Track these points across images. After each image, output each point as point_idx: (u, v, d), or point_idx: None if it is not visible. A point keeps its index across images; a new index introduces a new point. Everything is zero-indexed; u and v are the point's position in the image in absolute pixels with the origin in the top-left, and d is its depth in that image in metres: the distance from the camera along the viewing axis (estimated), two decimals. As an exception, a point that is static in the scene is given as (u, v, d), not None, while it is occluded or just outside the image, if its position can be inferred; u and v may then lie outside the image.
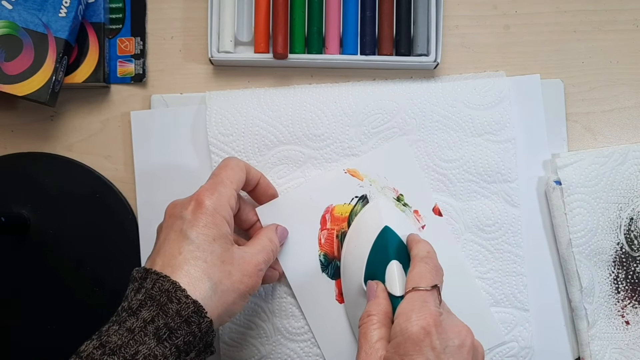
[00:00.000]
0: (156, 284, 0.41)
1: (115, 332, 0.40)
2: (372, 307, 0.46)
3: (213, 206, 0.45)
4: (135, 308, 0.41)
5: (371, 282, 0.49)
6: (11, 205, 0.57)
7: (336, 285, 0.55)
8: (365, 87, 0.58)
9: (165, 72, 0.60)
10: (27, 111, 0.59)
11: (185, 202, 0.46)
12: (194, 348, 0.42)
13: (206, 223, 0.44)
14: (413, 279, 0.45)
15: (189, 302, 0.41)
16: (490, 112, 0.58)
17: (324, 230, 0.56)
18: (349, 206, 0.56)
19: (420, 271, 0.46)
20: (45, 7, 0.55)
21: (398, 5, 0.58)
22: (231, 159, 0.50)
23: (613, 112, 0.61)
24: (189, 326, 0.41)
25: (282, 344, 0.56)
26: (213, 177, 0.48)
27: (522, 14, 0.61)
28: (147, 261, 0.45)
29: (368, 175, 0.57)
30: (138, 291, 0.42)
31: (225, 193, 0.46)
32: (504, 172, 0.57)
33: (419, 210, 0.57)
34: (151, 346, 0.39)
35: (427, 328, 0.41)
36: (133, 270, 0.44)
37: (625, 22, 0.61)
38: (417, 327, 0.41)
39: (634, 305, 0.58)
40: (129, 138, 0.59)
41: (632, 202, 0.58)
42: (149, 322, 0.40)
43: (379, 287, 0.47)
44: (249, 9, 0.59)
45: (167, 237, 0.44)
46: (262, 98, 0.58)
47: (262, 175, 0.53)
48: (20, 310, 0.57)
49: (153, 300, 0.41)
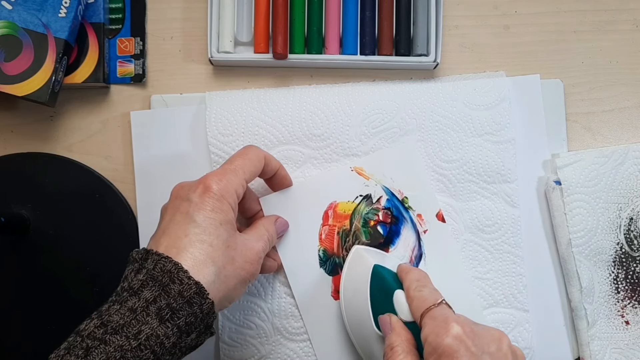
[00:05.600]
0: (157, 265, 0.41)
1: (117, 311, 0.40)
2: (393, 339, 0.45)
3: (220, 192, 0.45)
4: (136, 288, 0.41)
5: (382, 316, 0.48)
6: (11, 205, 0.57)
7: (333, 281, 0.55)
8: (365, 87, 0.58)
9: (165, 72, 0.60)
10: (27, 111, 0.59)
11: (192, 185, 0.46)
12: (195, 329, 0.42)
13: (213, 207, 0.44)
14: (418, 307, 0.45)
15: (191, 283, 0.41)
16: (490, 113, 0.58)
17: (326, 226, 0.56)
18: (353, 204, 0.56)
19: (419, 297, 0.46)
20: (45, 8, 0.55)
21: (398, 5, 0.58)
22: (252, 148, 0.50)
23: (613, 112, 0.61)
24: (190, 307, 0.41)
25: (281, 344, 0.56)
26: (227, 163, 0.48)
27: (522, 14, 0.61)
28: (151, 241, 0.44)
29: (374, 175, 0.57)
30: (139, 272, 0.42)
31: (234, 181, 0.46)
32: (504, 173, 0.57)
33: (422, 214, 0.57)
34: (154, 326, 0.39)
35: (459, 337, 0.41)
36: (132, 252, 0.44)
37: (625, 22, 0.61)
38: (450, 338, 0.41)
39: (633, 305, 0.58)
40: (128, 138, 0.59)
41: (632, 202, 0.58)
42: (151, 302, 0.40)
43: (392, 318, 0.47)
44: (248, 9, 0.59)
45: (172, 219, 0.44)
46: (262, 98, 0.58)
47: (281, 166, 0.53)
48: (20, 311, 0.57)
49: (155, 281, 0.41)
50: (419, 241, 0.57)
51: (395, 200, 0.57)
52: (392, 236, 0.56)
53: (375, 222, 0.56)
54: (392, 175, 0.57)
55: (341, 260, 0.56)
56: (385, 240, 0.56)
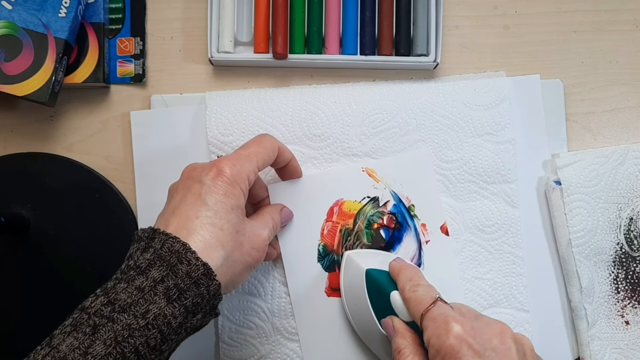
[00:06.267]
0: (165, 245, 0.41)
1: (124, 289, 0.40)
2: (399, 342, 0.46)
3: (233, 177, 0.45)
4: (144, 267, 0.41)
5: (385, 320, 0.48)
6: (11, 205, 0.57)
7: (329, 278, 0.55)
8: (365, 87, 0.58)
9: (165, 72, 0.60)
10: (27, 111, 0.59)
11: (205, 167, 0.45)
12: (201, 310, 0.42)
13: (225, 192, 0.44)
14: (415, 309, 0.45)
15: (199, 264, 0.41)
16: (490, 113, 0.58)
17: (329, 222, 0.56)
18: (359, 204, 0.56)
19: (415, 298, 0.46)
20: (45, 7, 0.55)
21: (398, 5, 0.58)
22: (267, 137, 0.50)
23: (613, 112, 0.61)
24: (197, 288, 0.41)
25: (281, 343, 0.56)
26: (242, 149, 0.48)
27: (522, 14, 0.61)
28: (160, 220, 0.44)
29: (384, 179, 0.57)
30: (145, 250, 0.42)
31: (247, 167, 0.46)
32: (504, 173, 0.57)
33: (427, 224, 0.57)
34: (161, 305, 0.39)
35: (460, 336, 0.41)
36: (137, 230, 0.44)
37: (625, 22, 0.61)
38: (451, 339, 0.41)
39: (633, 305, 0.58)
40: (128, 138, 0.59)
41: (632, 202, 0.58)
42: (159, 281, 0.40)
43: (394, 321, 0.47)
44: (248, 9, 0.59)
45: (183, 199, 0.44)
46: (262, 98, 0.58)
47: (293, 157, 0.53)
48: (20, 310, 0.57)
49: (162, 261, 0.41)
50: (420, 251, 0.57)
51: (401, 207, 0.57)
52: (393, 242, 0.56)
53: (379, 225, 0.56)
54: (402, 181, 0.57)
55: (340, 257, 0.56)
56: (386, 245, 0.56)
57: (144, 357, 0.39)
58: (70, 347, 0.37)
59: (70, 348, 0.37)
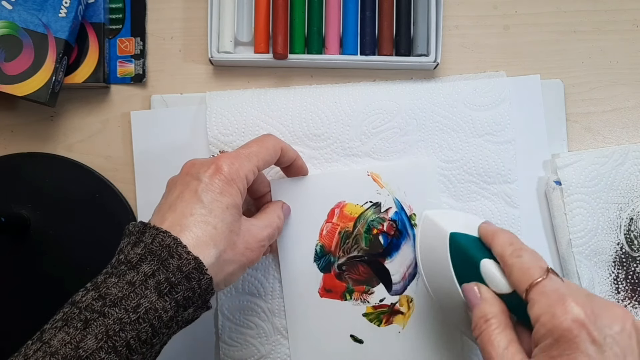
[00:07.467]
0: (156, 239, 0.41)
1: (115, 284, 0.40)
2: (486, 310, 0.42)
3: (231, 175, 0.45)
4: (135, 262, 0.41)
5: (467, 285, 0.44)
6: (11, 205, 0.57)
7: (323, 279, 0.55)
8: (365, 88, 0.58)
9: (165, 72, 0.60)
10: (27, 111, 0.59)
11: (204, 164, 0.45)
12: (193, 304, 0.42)
13: (222, 190, 0.44)
14: (521, 279, 0.41)
15: (190, 258, 0.41)
16: (490, 113, 0.58)
17: (329, 223, 0.56)
18: (361, 208, 0.56)
19: (521, 266, 0.41)
20: (45, 8, 0.55)
21: (398, 5, 0.58)
22: (270, 137, 0.50)
23: (613, 112, 0.61)
24: (189, 282, 0.41)
25: (281, 343, 0.56)
26: (243, 147, 0.48)
27: (522, 14, 0.61)
28: (156, 215, 0.44)
29: (389, 185, 0.56)
30: (136, 245, 0.42)
31: (246, 166, 0.46)
32: (504, 173, 0.57)
33: None
34: (152, 299, 0.39)
35: (579, 319, 0.37)
36: (128, 225, 0.44)
37: (625, 22, 0.61)
38: (568, 320, 0.37)
39: (634, 305, 0.58)
40: (129, 138, 0.59)
41: (632, 202, 0.58)
42: (150, 276, 0.40)
43: (481, 288, 0.43)
44: (249, 9, 0.59)
45: (180, 195, 0.44)
46: (262, 98, 0.58)
47: (298, 156, 0.53)
48: (20, 311, 0.57)
49: (153, 255, 0.41)
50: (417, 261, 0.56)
51: (403, 215, 0.56)
52: (391, 249, 0.56)
53: (378, 230, 0.56)
54: (405, 189, 0.57)
55: (336, 259, 0.55)
56: (383, 251, 0.56)
57: (135, 351, 0.39)
58: (62, 342, 0.38)
59: (62, 343, 0.38)
